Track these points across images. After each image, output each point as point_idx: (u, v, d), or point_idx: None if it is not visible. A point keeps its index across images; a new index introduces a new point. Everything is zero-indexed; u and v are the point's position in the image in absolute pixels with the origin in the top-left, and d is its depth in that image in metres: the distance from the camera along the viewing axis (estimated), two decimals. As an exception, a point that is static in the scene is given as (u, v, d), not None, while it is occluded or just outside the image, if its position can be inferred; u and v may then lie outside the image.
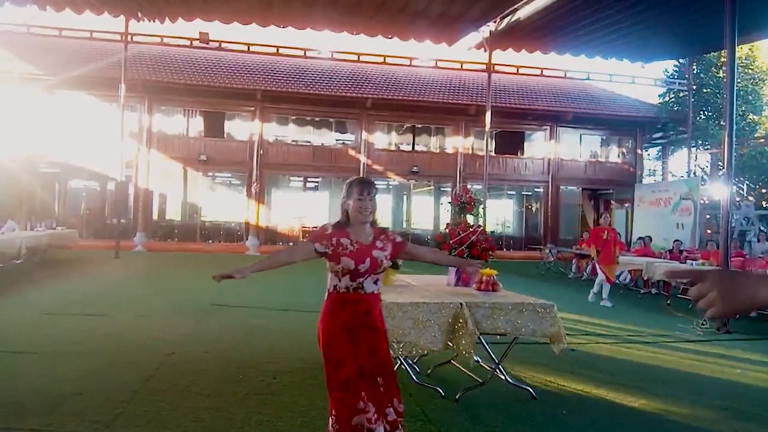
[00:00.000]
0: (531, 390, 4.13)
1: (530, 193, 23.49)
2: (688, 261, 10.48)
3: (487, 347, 4.13)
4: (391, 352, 2.87)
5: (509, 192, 23.98)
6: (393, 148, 22.34)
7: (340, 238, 2.57)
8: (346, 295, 2.58)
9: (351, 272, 2.54)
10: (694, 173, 21.95)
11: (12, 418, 3.31)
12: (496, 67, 20.59)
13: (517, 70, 22.99)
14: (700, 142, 22.73)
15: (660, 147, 25.99)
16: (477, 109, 20.20)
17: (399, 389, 2.62)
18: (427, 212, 23.50)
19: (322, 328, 2.61)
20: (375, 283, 2.62)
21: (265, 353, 5.03)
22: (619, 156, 23.54)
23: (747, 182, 20.22)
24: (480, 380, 4.16)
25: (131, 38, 16.90)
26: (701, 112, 22.42)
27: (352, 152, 20.91)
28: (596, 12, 12.54)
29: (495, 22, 14.69)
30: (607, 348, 5.98)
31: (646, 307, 9.43)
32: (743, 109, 21.40)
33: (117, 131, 15.60)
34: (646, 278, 10.91)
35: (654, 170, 26.93)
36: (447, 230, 4.74)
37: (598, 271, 9.39)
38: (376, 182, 2.81)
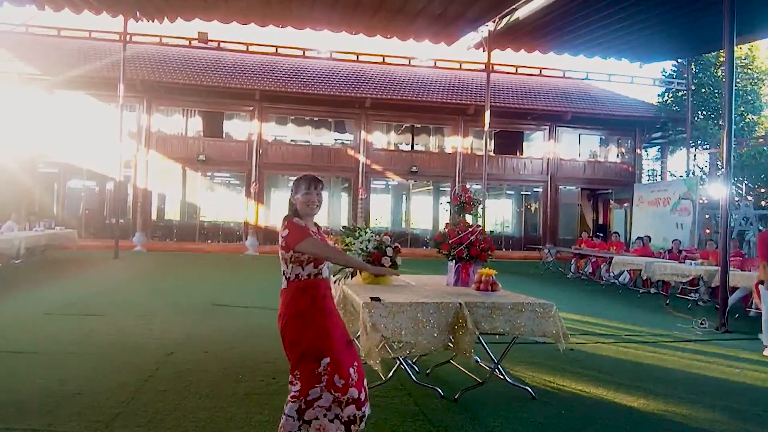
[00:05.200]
0: (530, 390, 4.13)
1: (529, 193, 23.49)
2: (687, 261, 10.48)
3: (486, 347, 4.14)
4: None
5: (508, 192, 24.00)
6: (392, 147, 22.33)
7: (310, 228, 2.80)
8: (307, 282, 2.75)
9: (316, 260, 2.74)
10: (693, 173, 21.95)
11: (12, 418, 3.31)
12: (495, 67, 20.63)
13: (516, 70, 22.97)
14: (699, 141, 22.74)
15: (659, 147, 25.99)
16: (476, 109, 20.20)
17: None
18: (426, 212, 23.50)
19: (290, 314, 2.73)
20: (328, 268, 2.86)
21: (265, 353, 5.02)
22: (618, 156, 23.56)
23: (746, 182, 20.22)
24: (479, 380, 4.17)
25: (130, 38, 16.87)
26: (700, 112, 22.43)
27: (351, 152, 20.90)
28: (595, 12, 12.57)
29: (494, 21, 14.71)
30: (606, 348, 5.99)
31: (645, 306, 9.44)
32: (742, 108, 21.43)
33: (116, 131, 15.58)
34: (645, 278, 10.94)
35: (653, 170, 26.94)
36: (446, 230, 4.75)
37: (765, 299, 6.00)
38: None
